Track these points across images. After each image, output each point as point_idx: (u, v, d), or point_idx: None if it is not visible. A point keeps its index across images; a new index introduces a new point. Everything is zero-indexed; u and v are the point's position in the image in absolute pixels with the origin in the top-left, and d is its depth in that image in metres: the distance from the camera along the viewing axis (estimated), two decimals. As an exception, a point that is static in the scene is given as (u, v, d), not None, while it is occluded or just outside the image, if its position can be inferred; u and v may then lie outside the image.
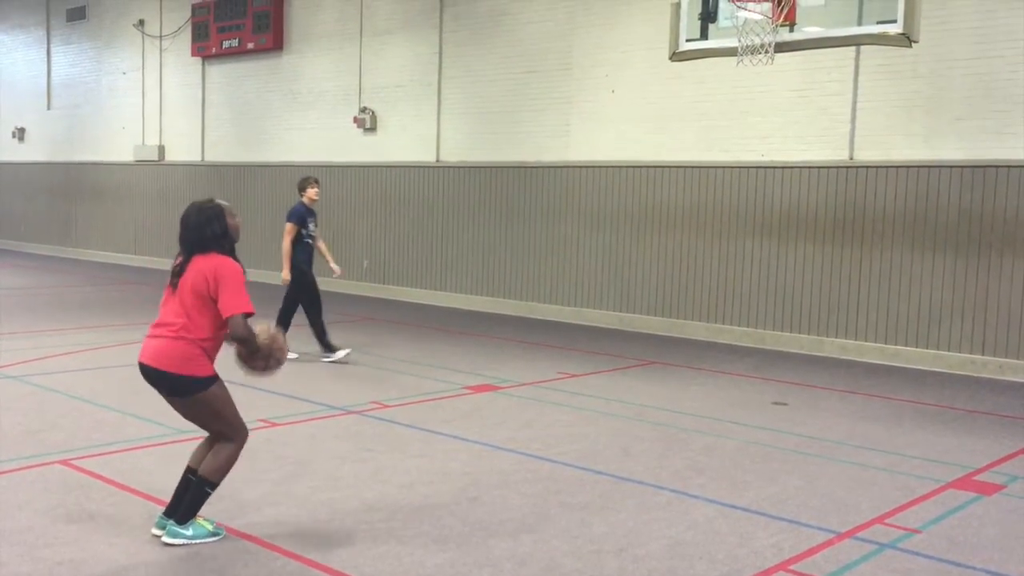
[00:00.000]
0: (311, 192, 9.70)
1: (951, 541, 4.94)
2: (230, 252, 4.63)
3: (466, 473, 5.90)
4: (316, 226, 9.74)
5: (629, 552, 4.66)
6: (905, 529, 5.10)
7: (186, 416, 4.65)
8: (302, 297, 9.65)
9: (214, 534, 4.61)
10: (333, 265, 9.90)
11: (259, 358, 4.60)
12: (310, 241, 9.61)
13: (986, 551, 4.83)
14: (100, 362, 9.28)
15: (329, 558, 4.47)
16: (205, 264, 4.50)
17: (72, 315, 12.48)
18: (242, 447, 4.67)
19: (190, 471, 4.68)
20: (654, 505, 5.40)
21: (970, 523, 5.25)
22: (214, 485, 4.60)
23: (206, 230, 4.58)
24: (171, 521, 4.58)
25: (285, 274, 9.49)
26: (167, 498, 5.18)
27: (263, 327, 4.67)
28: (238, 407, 4.70)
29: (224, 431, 4.61)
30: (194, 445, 4.92)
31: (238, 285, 4.49)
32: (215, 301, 4.46)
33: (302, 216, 9.54)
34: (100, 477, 5.57)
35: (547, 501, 5.41)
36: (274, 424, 6.95)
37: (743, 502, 5.49)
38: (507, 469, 6.03)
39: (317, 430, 6.88)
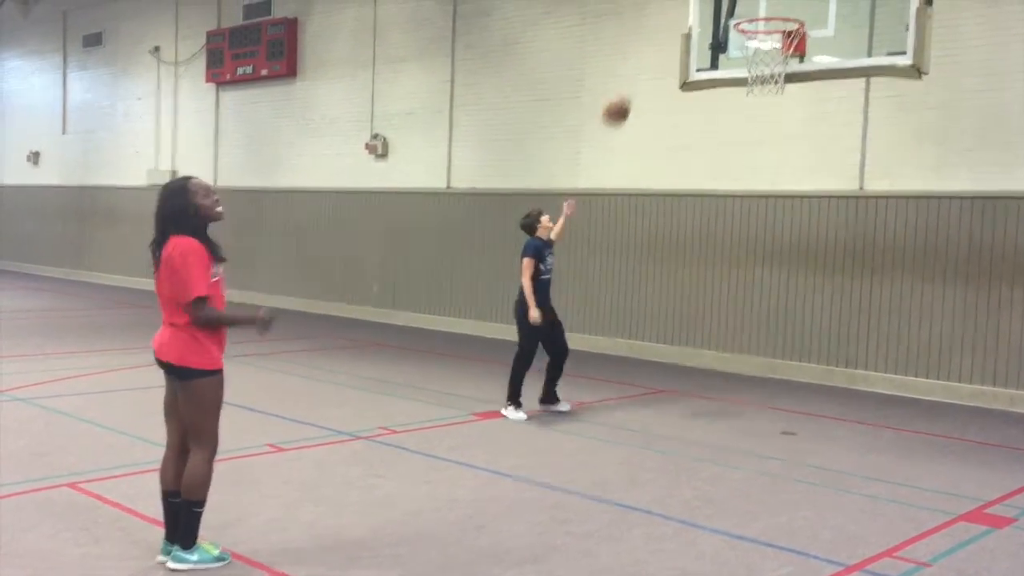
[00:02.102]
0: (545, 220, 8.83)
1: (962, 575, 4.89)
2: (195, 232, 4.39)
3: (473, 501, 5.88)
4: (553, 258, 8.85)
5: (636, 582, 4.63)
6: (915, 562, 5.06)
7: (180, 406, 4.54)
8: (535, 339, 8.66)
9: (219, 559, 4.59)
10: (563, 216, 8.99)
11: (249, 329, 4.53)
12: (547, 278, 8.69)
13: (997, 586, 4.78)
14: (110, 385, 9.30)
15: (334, 585, 4.47)
16: (167, 251, 4.37)
17: (83, 338, 12.53)
18: (213, 458, 4.56)
19: (168, 494, 4.59)
20: (661, 535, 5.36)
21: (981, 557, 5.20)
22: (201, 503, 4.53)
23: (166, 206, 4.41)
24: (175, 547, 4.54)
25: (534, 314, 8.44)
26: (173, 523, 5.21)
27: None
28: (245, 431, 4.71)
29: (199, 432, 4.50)
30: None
31: (187, 267, 4.30)
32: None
33: (539, 249, 8.69)
34: (107, 501, 5.57)
35: (553, 530, 5.38)
36: (282, 449, 6.94)
37: (751, 533, 5.45)
38: (514, 497, 6.01)
39: (325, 455, 6.87)
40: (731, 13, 8.29)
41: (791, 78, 7.76)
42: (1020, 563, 5.14)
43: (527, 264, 8.60)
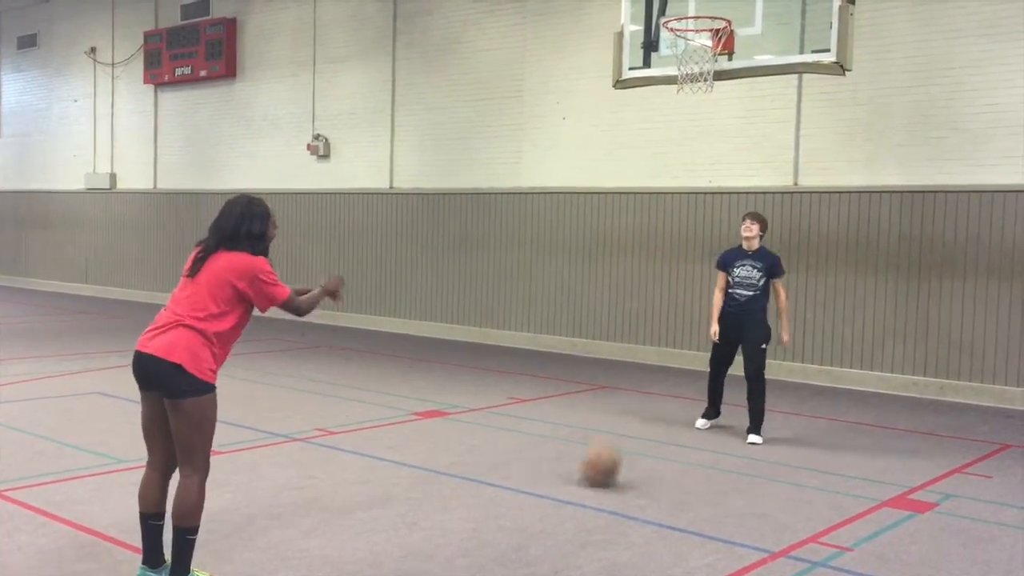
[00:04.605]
0: (741, 228, 8.02)
1: (881, 558, 5.02)
2: (263, 254, 4.46)
3: (407, 499, 5.88)
4: (761, 272, 7.83)
5: (563, 574, 4.67)
6: (837, 547, 5.17)
7: (173, 425, 4.21)
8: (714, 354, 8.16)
9: None
10: (784, 335, 8.02)
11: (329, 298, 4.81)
12: (733, 292, 7.88)
13: (914, 567, 4.91)
14: (42, 392, 9.12)
15: (261, 586, 4.44)
16: (237, 261, 4.31)
17: (17, 345, 12.27)
18: (205, 480, 4.27)
19: (148, 517, 4.30)
20: (593, 527, 5.42)
21: (901, 540, 5.33)
22: (195, 530, 4.22)
23: (245, 226, 4.39)
24: None
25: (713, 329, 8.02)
26: (98, 528, 5.15)
27: None
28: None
29: (191, 453, 4.19)
30: (132, 476, 4.82)
31: (273, 281, 4.42)
32: (246, 298, 4.37)
33: (722, 259, 8.07)
34: (31, 508, 5.48)
35: (486, 525, 5.41)
36: (215, 452, 6.82)
37: (681, 523, 5.53)
38: (448, 494, 6.02)
39: (259, 458, 6.82)
40: (662, 12, 8.39)
41: (720, 76, 7.87)
42: (938, 545, 5.28)
43: (719, 278, 8.06)
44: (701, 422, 8.29)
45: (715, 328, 8.00)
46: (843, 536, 5.37)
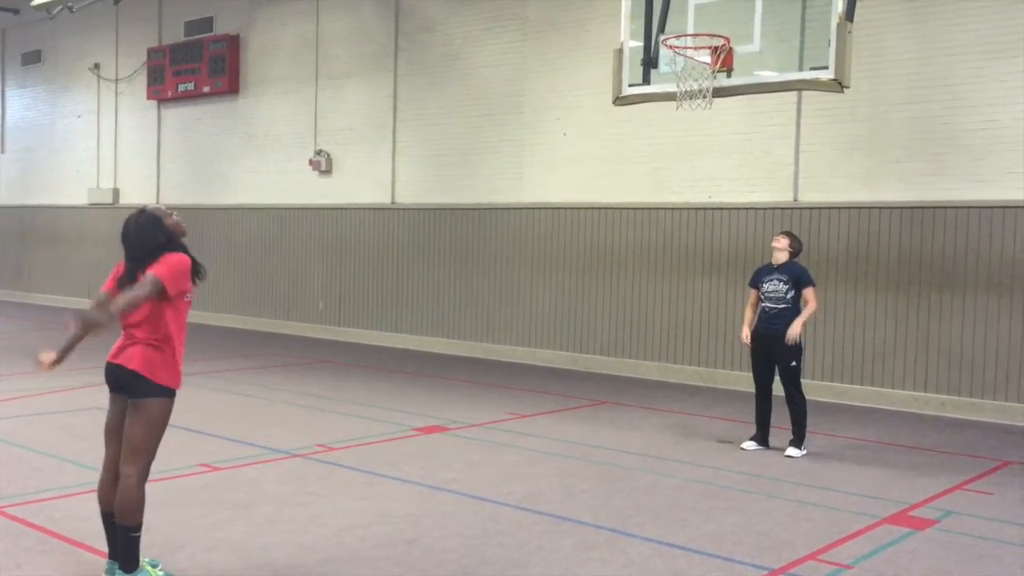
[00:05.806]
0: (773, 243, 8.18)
1: (880, 576, 5.02)
2: (181, 250, 4.65)
3: (406, 515, 5.89)
4: (787, 285, 7.88)
5: (562, 592, 4.68)
6: (837, 564, 5.17)
7: (127, 424, 4.51)
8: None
9: None
10: (793, 327, 7.79)
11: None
12: (764, 305, 7.97)
13: (914, 585, 4.90)
14: (42, 408, 9.14)
15: (259, 603, 4.45)
16: (161, 264, 4.52)
17: (17, 360, 12.27)
18: (145, 480, 4.52)
19: (108, 515, 4.57)
20: (592, 544, 5.42)
21: (900, 558, 5.33)
22: (137, 527, 4.49)
23: (150, 241, 4.61)
24: (119, 569, 4.49)
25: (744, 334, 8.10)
26: (98, 545, 5.14)
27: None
28: (178, 452, 4.71)
29: (138, 451, 4.46)
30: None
31: (174, 270, 4.51)
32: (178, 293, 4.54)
33: (753, 276, 8.23)
34: (32, 525, 5.49)
35: (485, 542, 5.41)
36: (216, 468, 6.89)
37: (680, 540, 5.53)
38: (448, 511, 6.02)
39: (259, 474, 6.82)
40: (661, 29, 8.44)
41: (719, 92, 7.92)
42: (938, 563, 5.27)
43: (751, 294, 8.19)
44: (748, 444, 8.10)
45: (746, 332, 8.10)
46: (843, 553, 5.36)
